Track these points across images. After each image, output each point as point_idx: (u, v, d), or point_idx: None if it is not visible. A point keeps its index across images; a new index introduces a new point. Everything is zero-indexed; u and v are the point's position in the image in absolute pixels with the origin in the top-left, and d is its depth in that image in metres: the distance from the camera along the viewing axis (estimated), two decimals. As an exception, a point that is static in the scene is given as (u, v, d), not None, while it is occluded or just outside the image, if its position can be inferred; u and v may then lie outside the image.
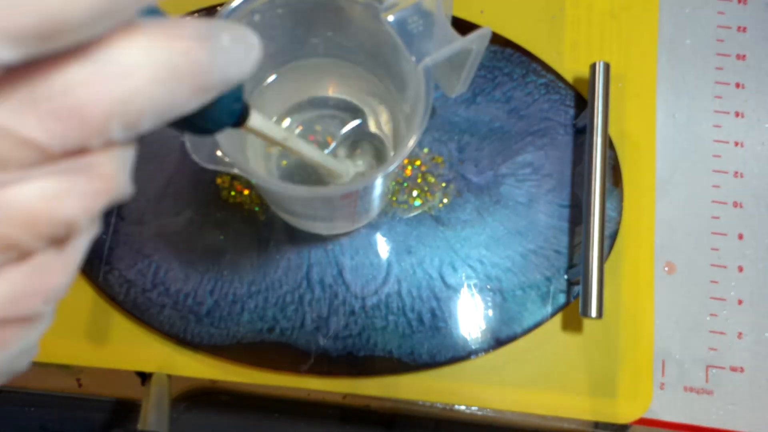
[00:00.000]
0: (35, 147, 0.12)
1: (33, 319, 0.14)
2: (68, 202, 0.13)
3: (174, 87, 0.13)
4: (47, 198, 0.12)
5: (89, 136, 0.12)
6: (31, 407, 0.41)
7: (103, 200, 0.13)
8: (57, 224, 0.13)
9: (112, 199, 0.14)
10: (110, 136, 0.13)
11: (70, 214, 0.13)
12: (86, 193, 0.13)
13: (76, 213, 0.13)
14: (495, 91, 0.41)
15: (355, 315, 0.37)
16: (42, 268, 0.13)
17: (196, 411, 0.40)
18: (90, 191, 0.13)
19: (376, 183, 0.29)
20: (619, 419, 0.37)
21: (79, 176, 0.13)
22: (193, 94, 0.13)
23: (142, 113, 0.13)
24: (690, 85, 0.43)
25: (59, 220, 0.13)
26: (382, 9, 0.27)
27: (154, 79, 0.12)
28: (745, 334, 0.40)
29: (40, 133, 0.12)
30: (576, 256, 0.38)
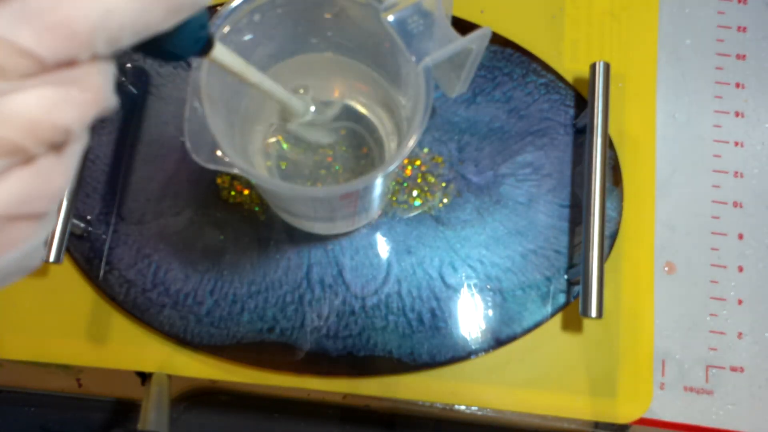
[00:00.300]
0: (31, 57, 0.13)
1: (41, 217, 0.15)
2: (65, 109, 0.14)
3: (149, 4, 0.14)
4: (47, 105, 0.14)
5: (78, 48, 0.14)
6: (31, 407, 0.41)
7: (94, 109, 0.15)
8: (56, 130, 0.14)
9: (101, 108, 0.15)
10: (96, 50, 0.14)
11: (67, 121, 0.14)
12: (80, 102, 0.14)
13: (72, 120, 0.14)
14: (495, 91, 0.41)
15: (355, 315, 0.37)
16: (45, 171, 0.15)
17: (196, 411, 0.40)
18: (83, 100, 0.14)
19: (376, 183, 0.29)
20: (619, 419, 0.37)
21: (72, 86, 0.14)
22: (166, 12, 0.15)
23: (122, 28, 0.14)
24: (690, 85, 0.43)
25: (58, 126, 0.14)
26: (382, 9, 0.27)
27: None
28: (745, 334, 0.40)
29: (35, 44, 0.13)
30: (576, 256, 0.38)
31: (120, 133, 0.40)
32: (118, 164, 0.39)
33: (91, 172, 0.39)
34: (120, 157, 0.39)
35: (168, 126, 0.40)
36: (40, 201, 0.15)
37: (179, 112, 0.40)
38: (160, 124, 0.40)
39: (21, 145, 0.14)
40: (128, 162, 0.39)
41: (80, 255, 0.38)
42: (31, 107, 0.14)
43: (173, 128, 0.40)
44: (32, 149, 0.14)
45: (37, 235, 0.16)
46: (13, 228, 0.15)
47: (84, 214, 0.38)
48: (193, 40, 0.19)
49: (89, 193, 0.39)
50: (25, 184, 0.15)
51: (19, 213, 0.15)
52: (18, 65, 0.13)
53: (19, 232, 0.15)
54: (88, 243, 0.38)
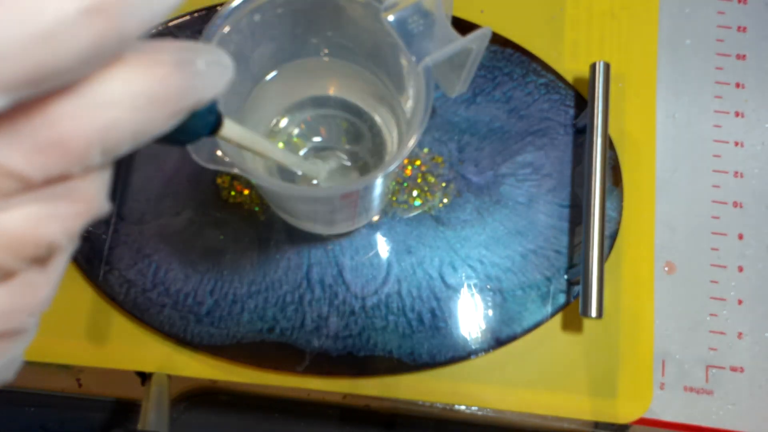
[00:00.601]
0: (18, 178, 0.12)
1: (19, 332, 0.15)
2: (50, 225, 0.13)
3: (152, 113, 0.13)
4: (30, 223, 0.13)
5: (71, 165, 0.13)
6: (31, 407, 0.41)
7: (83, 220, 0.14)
8: (40, 246, 0.13)
9: (92, 218, 0.14)
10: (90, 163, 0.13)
11: (52, 237, 0.13)
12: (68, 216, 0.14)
13: (57, 235, 0.13)
14: (495, 91, 0.41)
15: (355, 315, 0.37)
16: (26, 286, 0.14)
17: (196, 411, 0.40)
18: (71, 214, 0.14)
19: (376, 183, 0.29)
20: (619, 419, 0.37)
21: (60, 201, 0.13)
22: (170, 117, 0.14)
23: (121, 140, 0.13)
24: (690, 85, 0.43)
25: (42, 242, 0.13)
26: (382, 9, 0.27)
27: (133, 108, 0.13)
28: (745, 334, 0.40)
29: (24, 166, 0.12)
30: (576, 256, 0.38)
31: (120, 133, 0.40)
32: (118, 164, 0.39)
33: (91, 172, 0.39)
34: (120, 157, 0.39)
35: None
36: (20, 316, 0.14)
37: (179, 112, 0.40)
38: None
39: (1, 263, 0.13)
40: (128, 162, 0.39)
41: (80, 255, 0.38)
42: (14, 226, 0.13)
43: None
44: (12, 266, 0.13)
45: (14, 350, 0.15)
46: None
47: (84, 214, 0.38)
48: (201, 126, 0.19)
49: (89, 193, 0.39)
50: (3, 300, 0.14)
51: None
52: (3, 186, 0.12)
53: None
54: (88, 243, 0.38)
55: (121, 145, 0.13)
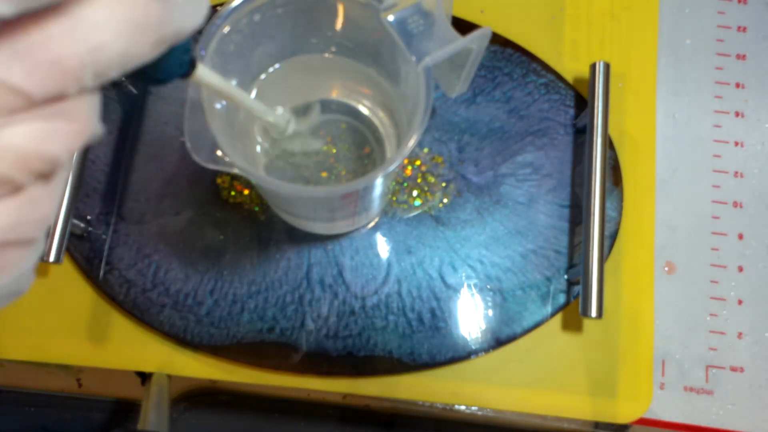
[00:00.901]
0: (21, 94, 0.13)
1: (30, 243, 0.16)
2: (53, 141, 0.15)
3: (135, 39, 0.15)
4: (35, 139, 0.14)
5: (67, 84, 0.14)
6: (31, 407, 0.41)
7: (81, 139, 0.15)
8: (45, 161, 0.15)
9: (88, 138, 0.16)
10: (84, 84, 0.14)
11: (55, 152, 0.15)
12: (67, 134, 0.15)
13: (59, 151, 0.15)
14: (495, 91, 0.41)
15: (355, 315, 0.37)
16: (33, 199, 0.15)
17: (196, 411, 0.40)
18: (70, 132, 0.15)
19: (376, 183, 0.29)
20: (619, 419, 0.37)
21: (60, 119, 0.15)
22: (152, 45, 0.15)
23: (110, 63, 0.15)
24: (690, 85, 0.43)
25: (46, 157, 0.15)
26: (382, 9, 0.27)
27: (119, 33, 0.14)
28: (745, 334, 0.40)
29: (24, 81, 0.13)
30: (576, 256, 0.38)
31: (120, 133, 0.40)
32: (118, 164, 0.39)
33: (91, 172, 0.39)
34: (120, 157, 0.39)
35: (168, 126, 0.40)
36: (29, 227, 0.16)
37: (179, 112, 0.40)
38: (160, 124, 0.40)
39: (10, 177, 0.14)
40: (128, 162, 0.39)
41: (80, 255, 0.38)
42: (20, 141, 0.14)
43: (173, 128, 0.40)
44: (21, 180, 0.15)
45: (26, 260, 0.16)
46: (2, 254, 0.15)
47: (84, 214, 0.38)
48: (177, 65, 0.20)
49: (89, 193, 0.39)
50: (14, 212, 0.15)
51: (9, 240, 0.15)
52: (7, 102, 0.13)
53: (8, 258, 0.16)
54: (88, 243, 0.38)
55: (110, 68, 0.15)
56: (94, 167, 0.39)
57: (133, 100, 0.40)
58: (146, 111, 0.40)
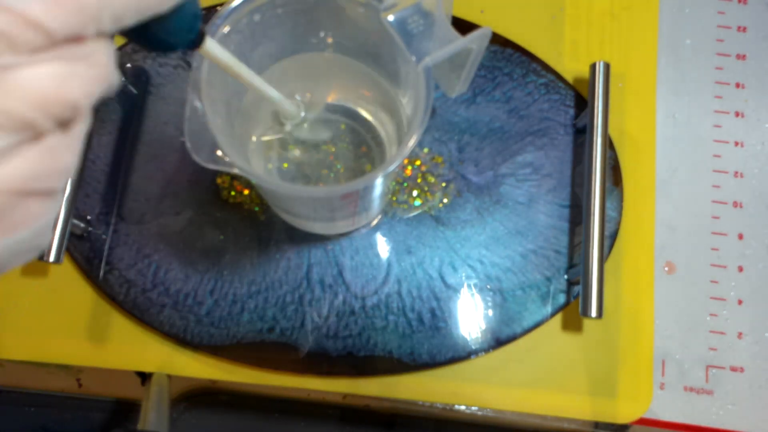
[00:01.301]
0: (41, 29, 0.13)
1: (51, 194, 0.16)
2: (73, 84, 0.14)
3: None
4: (56, 80, 0.14)
5: (86, 23, 0.14)
6: (31, 407, 0.41)
7: (100, 85, 0.15)
8: (65, 105, 0.14)
9: (106, 85, 0.15)
10: (102, 26, 0.14)
11: (76, 96, 0.14)
12: (87, 78, 0.15)
13: (80, 95, 0.15)
14: (495, 91, 0.41)
15: (355, 315, 0.37)
16: (54, 148, 0.15)
17: (196, 411, 0.40)
18: (90, 76, 0.15)
19: (376, 183, 0.29)
20: (619, 419, 0.37)
21: (80, 62, 0.14)
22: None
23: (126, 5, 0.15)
24: (690, 85, 0.43)
25: (67, 100, 0.14)
26: (382, 9, 0.27)
27: None
28: (745, 334, 0.40)
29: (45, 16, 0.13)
30: (576, 256, 0.38)
31: (120, 133, 0.40)
32: (118, 164, 0.39)
33: (91, 172, 0.39)
34: (120, 157, 0.39)
35: (168, 126, 0.40)
36: (50, 177, 0.15)
37: (179, 112, 0.40)
38: (160, 124, 0.40)
39: (31, 120, 0.14)
40: (128, 162, 0.39)
41: (80, 255, 0.38)
42: (41, 81, 0.14)
43: (173, 128, 0.40)
44: (42, 124, 0.14)
45: (47, 212, 0.16)
46: (25, 205, 0.15)
47: (84, 214, 0.38)
48: (186, 29, 0.20)
49: (89, 193, 0.39)
50: (36, 160, 0.15)
51: (31, 189, 0.15)
52: (28, 38, 0.13)
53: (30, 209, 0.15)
54: (88, 243, 0.38)
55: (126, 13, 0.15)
56: (94, 167, 0.39)
57: (133, 100, 0.40)
58: (146, 111, 0.40)
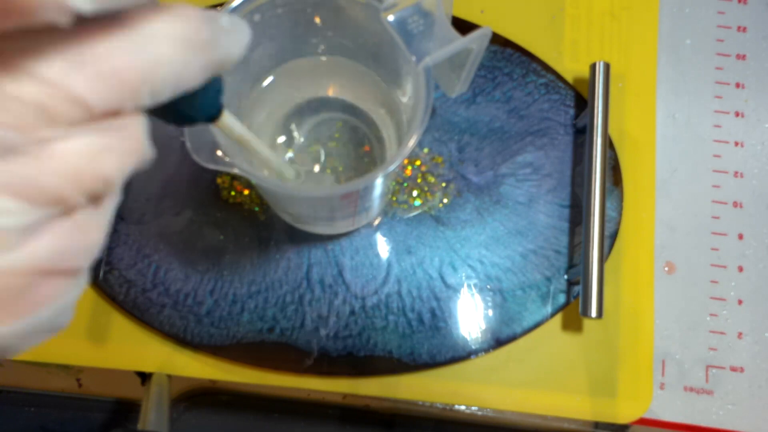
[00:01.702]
0: (82, 105, 0.13)
1: (76, 273, 0.15)
2: (108, 159, 0.14)
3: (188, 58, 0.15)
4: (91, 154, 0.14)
5: (125, 98, 0.14)
6: (31, 407, 0.41)
7: (134, 160, 0.15)
8: (98, 180, 0.14)
9: (140, 160, 0.15)
10: (140, 101, 0.14)
11: (109, 171, 0.14)
12: (121, 152, 0.14)
13: (114, 170, 0.14)
14: (495, 91, 0.41)
15: (355, 315, 0.37)
16: (83, 225, 0.15)
17: (196, 411, 0.40)
18: (124, 151, 0.15)
19: (376, 183, 0.29)
20: (619, 419, 0.37)
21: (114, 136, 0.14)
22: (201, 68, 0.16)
23: (164, 81, 0.15)
24: (690, 85, 0.43)
25: (100, 176, 0.14)
26: (382, 9, 0.27)
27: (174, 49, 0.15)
28: (745, 334, 0.40)
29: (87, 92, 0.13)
30: (576, 256, 0.38)
31: (120, 133, 0.40)
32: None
33: (91, 172, 0.39)
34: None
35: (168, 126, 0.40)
36: (77, 256, 0.15)
37: (179, 112, 0.40)
38: (160, 124, 0.40)
39: (64, 195, 0.13)
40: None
41: (80, 255, 0.38)
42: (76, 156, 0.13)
43: (173, 128, 0.40)
44: (74, 199, 0.14)
45: (70, 292, 0.15)
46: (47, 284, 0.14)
47: (84, 214, 0.38)
48: (209, 105, 0.20)
49: (89, 193, 0.39)
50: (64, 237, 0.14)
51: (56, 267, 0.14)
52: (68, 112, 0.13)
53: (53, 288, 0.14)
54: (88, 243, 0.38)
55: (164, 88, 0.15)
56: (94, 167, 0.39)
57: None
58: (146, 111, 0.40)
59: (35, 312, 0.14)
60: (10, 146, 0.13)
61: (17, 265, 0.13)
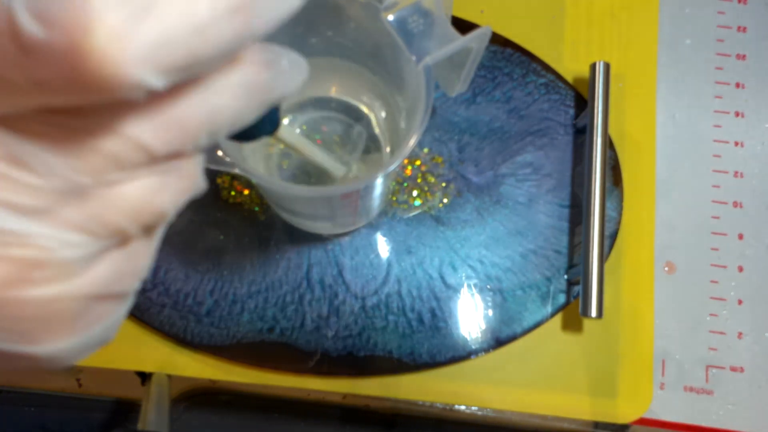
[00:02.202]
0: (147, 151, 0.14)
1: (126, 296, 0.17)
2: (165, 196, 0.15)
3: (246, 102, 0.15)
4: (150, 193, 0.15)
5: (186, 144, 0.15)
6: (31, 407, 0.41)
7: (188, 195, 0.16)
8: (154, 216, 0.15)
9: (194, 194, 0.16)
10: (199, 144, 0.15)
11: (164, 207, 0.15)
12: (177, 190, 0.16)
13: (168, 206, 0.15)
14: (495, 91, 0.41)
15: (355, 315, 0.37)
16: (135, 253, 0.16)
17: (196, 411, 0.40)
18: (180, 188, 0.16)
19: (376, 183, 0.29)
20: (619, 419, 0.37)
21: (173, 176, 0.15)
22: (258, 107, 0.16)
23: (222, 124, 0.15)
24: (690, 85, 0.43)
25: (156, 211, 0.15)
26: (382, 8, 0.27)
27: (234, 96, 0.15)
28: (745, 334, 0.39)
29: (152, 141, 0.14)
30: (576, 256, 0.38)
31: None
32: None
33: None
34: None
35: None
36: (128, 281, 0.16)
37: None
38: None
39: (123, 229, 0.15)
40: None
41: (80, 255, 0.38)
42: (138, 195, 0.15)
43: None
44: (131, 232, 0.15)
45: (119, 311, 0.17)
46: (101, 305, 0.16)
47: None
48: (269, 124, 0.21)
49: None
50: (119, 264, 0.15)
51: (110, 292, 0.16)
52: (133, 157, 0.14)
53: (105, 310, 0.16)
54: (88, 243, 0.38)
55: (222, 129, 0.15)
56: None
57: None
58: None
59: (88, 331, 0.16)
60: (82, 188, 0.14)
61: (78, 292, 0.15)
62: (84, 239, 0.14)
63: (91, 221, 0.14)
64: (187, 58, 0.12)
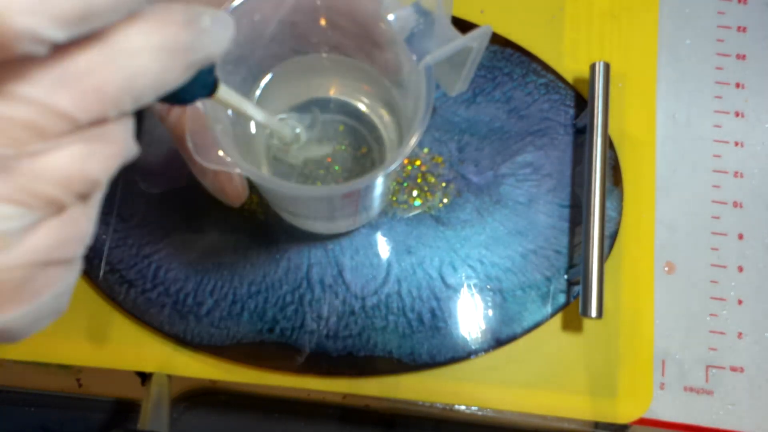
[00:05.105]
0: (68, 119, 0.14)
1: (71, 262, 0.17)
2: (94, 163, 0.15)
3: (168, 65, 0.16)
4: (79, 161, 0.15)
5: (108, 109, 0.15)
6: (31, 407, 0.41)
7: (119, 160, 0.16)
8: (86, 182, 0.16)
9: (124, 159, 0.17)
10: (123, 109, 0.15)
11: (96, 174, 0.16)
12: (107, 156, 0.16)
13: (100, 172, 0.16)
14: (495, 91, 0.41)
15: (355, 315, 0.37)
16: (74, 219, 0.16)
17: (196, 411, 0.40)
18: (109, 154, 0.16)
19: (376, 182, 0.29)
20: (619, 419, 0.37)
21: (100, 142, 0.16)
22: (182, 69, 0.16)
23: (145, 88, 0.15)
24: (690, 85, 0.43)
25: (88, 179, 0.15)
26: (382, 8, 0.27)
27: (154, 59, 0.15)
28: (745, 334, 0.39)
29: (72, 108, 0.14)
30: (576, 256, 0.38)
31: (120, 133, 0.40)
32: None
33: (91, 172, 0.39)
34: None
35: (168, 126, 0.40)
36: (70, 246, 0.16)
37: (179, 112, 0.40)
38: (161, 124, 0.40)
39: (56, 198, 0.15)
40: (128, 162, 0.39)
41: (80, 255, 0.38)
42: (66, 163, 0.15)
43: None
44: (65, 201, 0.15)
45: (67, 278, 0.17)
46: (46, 273, 0.16)
47: (84, 213, 0.38)
48: (202, 87, 0.21)
49: (89, 193, 0.39)
50: (58, 232, 0.16)
51: (52, 259, 0.16)
52: (55, 126, 0.14)
53: (51, 277, 0.16)
54: (88, 243, 0.38)
55: (145, 93, 0.15)
56: (94, 167, 0.39)
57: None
58: (146, 111, 0.40)
59: (37, 299, 0.16)
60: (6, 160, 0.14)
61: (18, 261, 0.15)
62: (17, 210, 0.15)
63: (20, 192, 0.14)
64: (81, 6, 0.13)
